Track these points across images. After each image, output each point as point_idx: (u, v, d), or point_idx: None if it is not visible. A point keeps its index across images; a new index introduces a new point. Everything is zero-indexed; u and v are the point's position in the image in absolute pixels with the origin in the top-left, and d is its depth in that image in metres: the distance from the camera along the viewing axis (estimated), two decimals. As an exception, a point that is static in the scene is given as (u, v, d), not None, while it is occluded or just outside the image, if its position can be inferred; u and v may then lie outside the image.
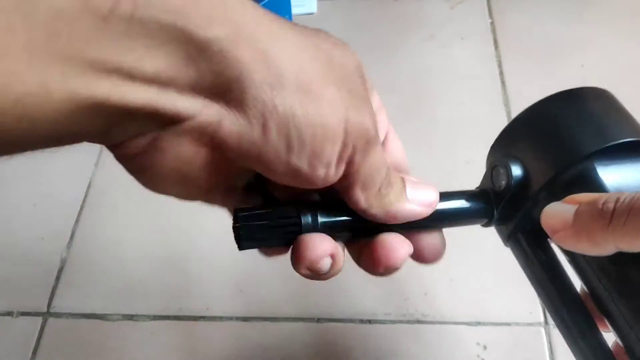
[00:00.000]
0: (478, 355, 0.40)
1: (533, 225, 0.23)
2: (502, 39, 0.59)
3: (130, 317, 0.44)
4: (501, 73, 0.56)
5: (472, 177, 0.27)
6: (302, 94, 0.18)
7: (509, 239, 0.26)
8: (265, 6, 0.51)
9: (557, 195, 0.22)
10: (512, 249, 0.27)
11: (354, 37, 0.61)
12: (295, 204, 0.23)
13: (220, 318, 0.44)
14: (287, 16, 0.51)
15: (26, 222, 0.50)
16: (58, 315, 0.45)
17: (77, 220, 0.50)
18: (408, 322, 0.42)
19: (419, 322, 0.42)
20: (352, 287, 0.44)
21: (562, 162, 0.22)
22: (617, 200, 0.19)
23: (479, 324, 0.42)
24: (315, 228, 0.22)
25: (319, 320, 0.43)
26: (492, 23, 0.61)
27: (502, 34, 0.59)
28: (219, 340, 0.43)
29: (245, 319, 0.43)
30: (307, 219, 0.22)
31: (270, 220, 0.22)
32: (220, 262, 0.46)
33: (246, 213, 0.23)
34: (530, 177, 0.23)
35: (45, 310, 0.45)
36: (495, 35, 0.59)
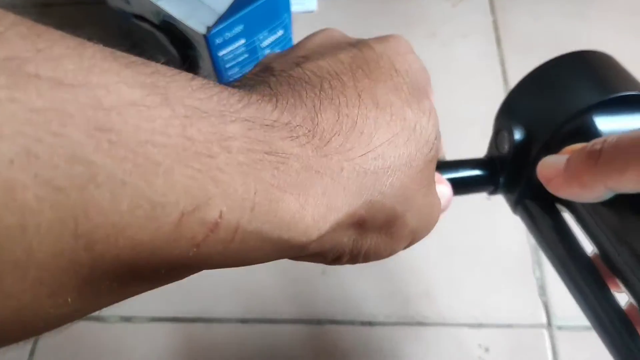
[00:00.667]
0: (480, 357, 0.40)
1: (539, 190, 0.23)
2: (505, 37, 0.58)
3: (128, 319, 0.44)
4: (504, 71, 0.56)
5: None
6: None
7: (517, 205, 0.26)
8: (265, 4, 0.50)
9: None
10: (521, 216, 0.27)
11: (354, 35, 0.61)
12: None
13: (219, 320, 0.43)
14: (286, 14, 0.50)
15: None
16: (55, 317, 0.44)
17: (74, 221, 0.49)
18: (409, 324, 0.42)
19: (420, 324, 0.42)
20: (353, 289, 0.44)
21: (561, 117, 0.23)
22: (605, 140, 0.19)
23: (480, 325, 0.41)
24: None
25: (319, 322, 0.42)
26: (494, 21, 0.60)
27: (504, 31, 0.59)
28: (217, 342, 0.42)
29: (244, 321, 0.43)
30: None
31: None
32: (219, 263, 0.46)
33: None
34: (532, 138, 0.24)
35: (42, 311, 0.45)
36: (497, 33, 0.59)
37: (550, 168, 0.21)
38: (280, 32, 0.50)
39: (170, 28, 0.49)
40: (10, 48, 0.11)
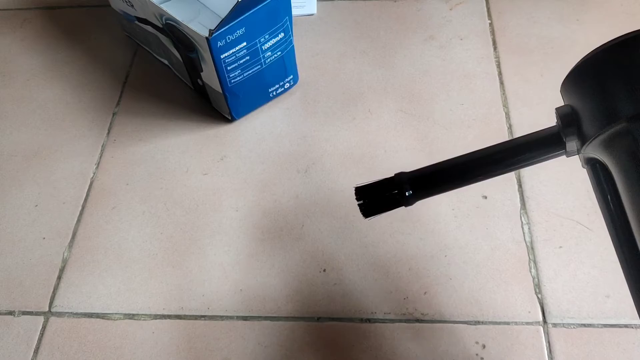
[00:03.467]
0: (477, 354, 0.41)
1: (599, 163, 0.25)
2: (501, 40, 0.59)
3: (132, 316, 0.44)
4: (500, 73, 0.57)
5: (471, 176, 0.28)
6: None
7: (585, 165, 0.27)
8: (266, 7, 0.51)
9: (606, 145, 0.23)
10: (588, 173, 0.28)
11: (354, 38, 0.62)
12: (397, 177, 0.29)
13: (221, 317, 0.44)
14: (287, 17, 0.51)
15: (28, 222, 0.50)
16: (59, 314, 0.45)
17: (78, 221, 0.50)
18: (407, 321, 0.43)
19: (418, 321, 0.43)
20: (352, 286, 0.44)
21: (604, 122, 0.24)
22: None
23: (478, 323, 0.42)
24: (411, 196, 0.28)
25: (319, 319, 0.43)
26: (491, 24, 0.61)
27: (500, 35, 0.60)
28: (219, 339, 0.43)
29: (245, 318, 0.44)
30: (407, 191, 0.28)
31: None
32: (220, 262, 0.46)
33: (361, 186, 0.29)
34: (581, 124, 0.25)
35: (46, 309, 0.45)
36: (494, 36, 0.60)
37: None
38: (281, 35, 0.51)
39: (173, 31, 0.50)
40: None
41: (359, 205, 0.29)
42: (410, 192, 0.28)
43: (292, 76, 0.56)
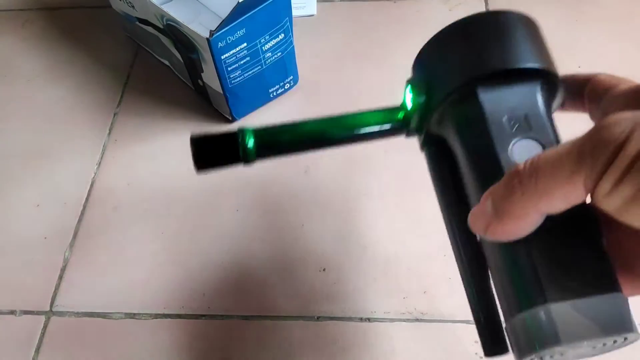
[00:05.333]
0: (476, 353, 0.41)
1: (437, 142, 0.26)
2: (501, 41, 0.59)
3: (132, 316, 0.45)
4: (499, 74, 0.57)
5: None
6: None
7: (422, 147, 0.28)
8: (266, 8, 0.51)
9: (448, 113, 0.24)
10: (425, 157, 0.28)
11: (353, 39, 0.62)
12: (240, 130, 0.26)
13: (221, 316, 0.44)
14: (287, 18, 0.51)
15: (29, 221, 0.50)
16: (61, 313, 0.45)
17: (79, 220, 0.50)
18: (407, 320, 0.43)
19: (417, 320, 0.43)
20: (352, 285, 0.45)
21: (448, 87, 0.24)
22: (517, 169, 0.19)
23: (477, 322, 0.42)
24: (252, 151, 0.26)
25: (318, 318, 0.43)
26: (490, 25, 0.61)
27: (500, 35, 0.60)
28: (219, 339, 0.43)
29: (245, 318, 0.44)
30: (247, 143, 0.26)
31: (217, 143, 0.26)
32: (221, 261, 0.47)
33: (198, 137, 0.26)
34: (429, 102, 0.25)
35: (48, 309, 0.45)
36: (493, 37, 0.60)
37: (479, 217, 0.21)
38: (281, 36, 0.51)
39: (174, 32, 0.50)
40: None
41: (193, 155, 0.26)
42: (251, 147, 0.26)
43: (292, 77, 0.56)
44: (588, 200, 0.18)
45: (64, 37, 0.65)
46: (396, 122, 0.27)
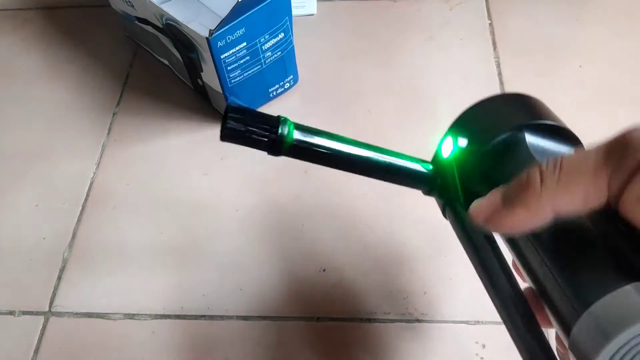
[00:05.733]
0: (477, 354, 0.41)
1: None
2: (501, 40, 0.59)
3: (132, 316, 0.44)
4: (500, 74, 0.57)
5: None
6: None
7: (445, 208, 0.29)
8: (266, 8, 0.51)
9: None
10: (450, 221, 0.29)
11: (353, 39, 0.62)
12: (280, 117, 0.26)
13: (221, 317, 0.44)
14: (287, 17, 0.51)
15: (28, 222, 0.50)
16: (60, 314, 0.45)
17: (78, 220, 0.50)
18: (407, 321, 0.43)
19: (418, 321, 0.43)
20: (352, 286, 0.45)
21: (497, 131, 0.26)
22: (541, 166, 0.19)
23: (477, 322, 0.42)
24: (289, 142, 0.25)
25: (319, 319, 0.43)
26: (490, 24, 0.61)
27: (500, 35, 0.60)
28: (219, 339, 0.43)
29: (245, 318, 0.44)
30: (284, 131, 0.25)
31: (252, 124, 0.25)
32: (221, 261, 0.47)
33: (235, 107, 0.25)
34: (472, 147, 0.27)
35: (47, 309, 0.45)
36: (493, 37, 0.60)
37: (486, 206, 0.21)
38: (281, 35, 0.51)
39: (173, 31, 0.50)
40: None
41: (224, 122, 0.24)
42: (291, 137, 0.25)
43: (292, 76, 0.56)
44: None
45: (63, 37, 0.65)
46: (423, 173, 0.29)
